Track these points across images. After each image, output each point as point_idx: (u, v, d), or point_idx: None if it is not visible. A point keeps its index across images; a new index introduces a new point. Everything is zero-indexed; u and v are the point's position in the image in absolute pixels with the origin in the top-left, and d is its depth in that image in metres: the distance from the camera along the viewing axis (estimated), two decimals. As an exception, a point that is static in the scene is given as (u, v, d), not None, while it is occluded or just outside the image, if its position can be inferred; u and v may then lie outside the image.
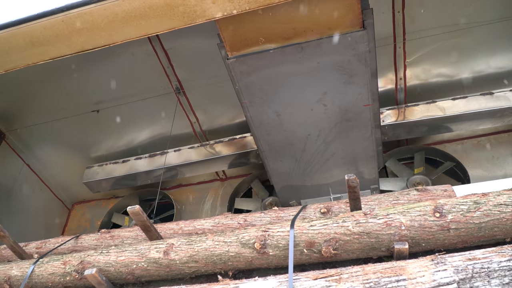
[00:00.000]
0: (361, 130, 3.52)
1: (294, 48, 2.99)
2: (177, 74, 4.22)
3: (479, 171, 4.35)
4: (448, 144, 4.65)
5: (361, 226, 2.05)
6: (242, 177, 5.02)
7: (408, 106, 4.16)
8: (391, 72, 4.14)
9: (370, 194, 4.09)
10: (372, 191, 4.06)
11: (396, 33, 3.85)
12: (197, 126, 4.62)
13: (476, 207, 1.95)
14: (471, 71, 4.09)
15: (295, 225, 2.17)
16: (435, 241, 1.99)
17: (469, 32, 3.78)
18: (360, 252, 2.08)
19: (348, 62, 3.07)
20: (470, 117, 3.95)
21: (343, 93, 3.26)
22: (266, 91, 3.26)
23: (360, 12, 2.84)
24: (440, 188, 2.45)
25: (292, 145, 3.64)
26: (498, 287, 1.69)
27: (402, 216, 2.01)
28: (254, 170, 4.97)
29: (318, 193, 4.09)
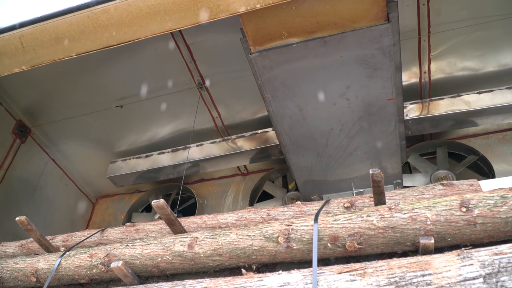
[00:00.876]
0: (385, 124, 3.49)
1: (317, 42, 2.98)
2: (200, 69, 4.25)
3: (505, 166, 4.26)
4: (473, 138, 4.56)
5: (385, 221, 2.04)
6: (264, 172, 5.04)
7: (433, 100, 4.10)
8: (415, 66, 4.08)
9: (394, 189, 4.06)
10: (395, 186, 4.02)
11: (420, 26, 3.80)
12: (219, 121, 4.66)
13: (503, 202, 1.91)
14: (497, 65, 4.00)
15: (319, 220, 2.17)
16: (461, 236, 1.96)
17: (495, 25, 3.70)
18: (384, 247, 2.07)
19: (372, 55, 3.04)
20: (495, 111, 3.87)
21: (366, 87, 3.24)
22: (288, 86, 3.27)
23: (384, 4, 2.81)
24: (466, 183, 2.42)
25: (314, 139, 3.64)
26: (527, 282, 1.67)
27: (428, 211, 1.99)
28: (276, 165, 4.99)
29: (340, 188, 4.07)
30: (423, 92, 4.25)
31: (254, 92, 3.38)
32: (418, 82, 4.18)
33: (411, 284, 1.80)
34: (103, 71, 4.36)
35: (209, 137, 4.68)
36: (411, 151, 4.58)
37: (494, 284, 1.72)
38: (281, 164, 4.84)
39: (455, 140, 4.53)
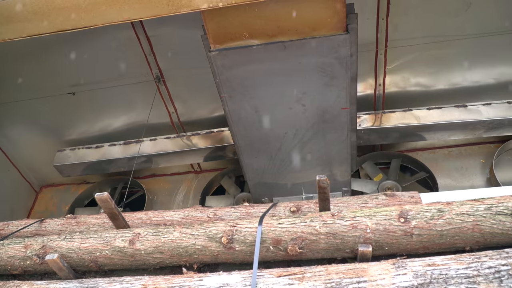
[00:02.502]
0: (337, 132, 3.56)
1: (278, 46, 3.00)
2: (159, 63, 4.17)
3: (448, 180, 4.46)
4: (421, 152, 4.75)
5: (328, 227, 2.07)
6: (217, 171, 5.02)
7: (385, 112, 4.23)
8: (371, 78, 4.19)
9: (342, 196, 4.15)
10: (344, 193, 4.12)
11: (379, 40, 3.90)
12: (175, 117, 4.59)
13: (439, 215, 2.00)
14: (448, 83, 4.18)
15: (264, 222, 2.18)
16: (398, 245, 2.03)
17: (448, 45, 3.86)
18: (325, 252, 2.11)
19: (329, 64, 3.10)
20: (443, 128, 4.05)
21: (322, 95, 3.29)
22: (246, 87, 3.27)
23: (344, 16, 2.87)
24: (408, 195, 2.51)
25: (268, 142, 3.66)
26: (454, 293, 1.74)
27: (368, 219, 2.05)
28: (229, 165, 4.98)
29: (291, 192, 4.12)
30: (377, 103, 4.38)
31: (213, 91, 3.35)
32: (373, 93, 4.30)
33: (347, 290, 1.84)
34: (57, 55, 4.18)
35: (164, 132, 4.60)
36: (363, 159, 4.70)
37: (424, 293, 1.79)
38: (235, 164, 4.84)
39: (404, 152, 4.69)
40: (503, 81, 4.15)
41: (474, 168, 4.54)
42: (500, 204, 2.00)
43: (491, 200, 2.03)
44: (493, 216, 1.97)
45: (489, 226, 1.96)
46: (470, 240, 2.00)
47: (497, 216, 1.97)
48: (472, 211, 1.98)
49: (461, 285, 1.78)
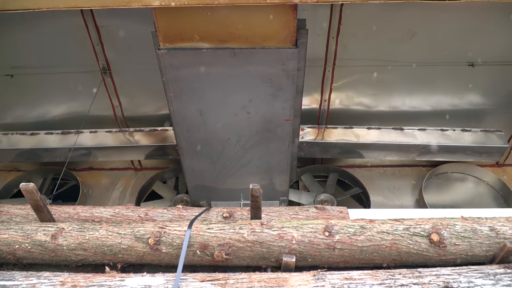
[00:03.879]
0: (279, 142, 3.63)
1: (227, 52, 3.02)
2: (106, 54, 4.06)
3: (380, 198, 4.67)
4: (358, 169, 4.93)
5: (256, 235, 2.11)
6: (158, 170, 4.94)
7: (328, 127, 4.36)
8: (317, 93, 4.31)
9: (279, 205, 4.22)
10: (281, 203, 4.19)
11: (327, 57, 4.02)
12: (118, 111, 4.47)
13: (361, 232, 2.09)
14: (388, 106, 4.38)
15: (194, 226, 2.18)
16: (320, 257, 2.10)
17: (392, 70, 4.05)
18: (250, 260, 2.14)
19: (276, 75, 3.16)
20: (380, 147, 4.23)
21: (267, 104, 3.34)
22: (193, 88, 3.25)
23: (295, 30, 2.94)
24: (337, 209, 2.60)
25: (210, 146, 3.66)
26: (366, 307, 1.83)
27: (295, 231, 2.10)
28: (171, 164, 4.92)
29: (230, 197, 4.14)
30: (321, 118, 4.51)
31: (160, 88, 3.31)
32: (318, 108, 4.42)
33: (266, 299, 1.88)
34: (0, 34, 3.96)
35: (106, 126, 4.47)
36: (303, 171, 4.81)
37: (339, 306, 1.87)
38: (176, 164, 4.79)
39: (342, 167, 4.85)
40: (439, 109, 4.41)
41: (405, 188, 4.78)
42: (418, 225, 2.13)
43: (410, 221, 2.15)
44: (410, 236, 2.09)
45: (406, 245, 2.08)
46: (387, 257, 2.11)
47: (414, 237, 2.09)
48: (391, 230, 2.09)
49: (373, 300, 1.88)
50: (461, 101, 4.34)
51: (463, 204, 4.66)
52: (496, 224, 2.15)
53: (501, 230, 2.12)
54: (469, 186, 4.80)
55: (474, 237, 2.08)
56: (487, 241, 2.09)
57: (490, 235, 2.10)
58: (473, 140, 4.29)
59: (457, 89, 4.26)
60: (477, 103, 4.36)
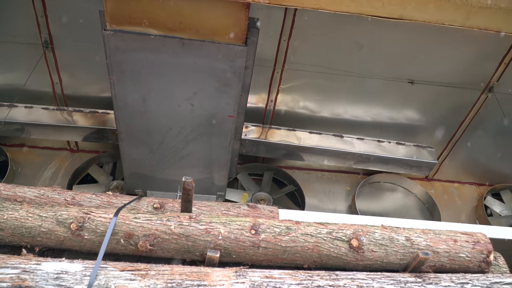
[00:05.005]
0: (221, 138, 3.64)
1: (176, 42, 2.98)
2: (50, 27, 3.86)
3: (315, 201, 4.81)
4: (298, 171, 5.04)
5: (182, 228, 2.11)
6: (95, 153, 4.79)
7: (272, 127, 4.42)
8: (264, 93, 4.36)
9: (216, 200, 4.23)
10: (218, 198, 4.21)
11: (277, 59, 4.08)
12: (58, 88, 4.28)
13: (287, 232, 2.15)
14: (331, 112, 4.52)
15: (120, 214, 2.14)
16: (245, 255, 2.14)
17: (338, 78, 4.17)
18: (175, 253, 2.14)
19: (223, 71, 3.16)
20: (319, 152, 4.36)
21: (212, 99, 3.34)
22: (137, 74, 3.19)
23: (245, 28, 2.95)
24: (268, 209, 2.65)
25: (151, 134, 3.60)
26: (282, 306, 1.89)
27: (223, 227, 2.12)
28: (109, 149, 4.78)
29: (167, 188, 4.09)
30: (266, 118, 4.56)
31: (105, 70, 3.20)
32: (264, 108, 4.47)
33: (186, 292, 1.89)
34: None
35: (43, 102, 4.26)
36: (242, 168, 4.85)
37: (256, 302, 1.91)
38: (115, 149, 4.66)
39: (282, 168, 4.94)
40: (378, 121, 4.61)
41: (339, 193, 4.95)
42: (340, 230, 2.22)
43: (334, 226, 2.24)
44: (332, 240, 2.17)
45: (327, 248, 2.16)
46: (309, 259, 2.18)
47: (336, 241, 2.17)
48: (315, 233, 2.17)
49: (289, 299, 1.94)
50: (398, 116, 4.56)
51: (391, 213, 4.90)
52: (412, 234, 2.28)
53: (416, 241, 2.26)
54: (398, 196, 5.06)
55: (390, 245, 2.20)
56: (402, 250, 2.21)
57: (406, 244, 2.23)
58: (406, 154, 4.52)
59: (396, 103, 4.47)
60: (413, 119, 4.59)
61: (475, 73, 4.22)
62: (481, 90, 4.36)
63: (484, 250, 2.30)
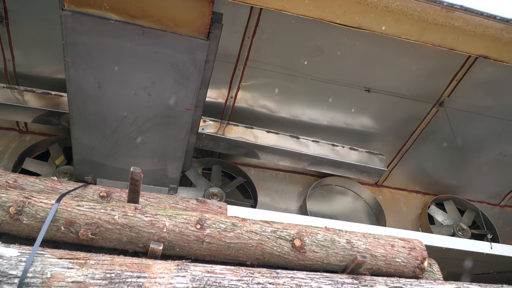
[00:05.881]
0: (177, 130, 3.61)
1: (137, 29, 2.93)
2: (6, 1, 3.69)
3: (267, 199, 4.87)
4: (253, 168, 5.08)
5: (127, 219, 2.08)
6: (45, 136, 4.62)
7: (230, 124, 4.43)
8: (225, 88, 4.36)
9: (168, 192, 4.20)
10: (170, 190, 4.17)
11: (240, 56, 4.09)
12: (10, 65, 4.09)
13: (232, 229, 2.17)
14: (289, 113, 4.58)
15: (63, 201, 2.09)
16: (188, 249, 2.14)
17: (298, 81, 4.25)
18: (117, 243, 2.11)
19: (183, 63, 3.13)
20: (275, 152, 4.41)
21: (170, 90, 3.30)
22: (94, 59, 3.10)
23: (208, 22, 2.94)
24: (217, 204, 2.66)
25: (105, 121, 3.52)
26: (220, 301, 1.91)
27: (168, 220, 2.12)
28: (61, 133, 4.63)
29: (118, 177, 4.01)
30: (225, 114, 4.56)
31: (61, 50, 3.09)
32: (223, 103, 4.47)
33: (124, 283, 1.87)
34: None
35: (-7, 79, 4.08)
36: (197, 163, 4.83)
37: (195, 297, 1.92)
38: (67, 134, 4.51)
39: (238, 165, 4.96)
40: (333, 125, 4.72)
41: (292, 194, 5.04)
42: (285, 230, 2.26)
43: (279, 225, 2.28)
44: (276, 239, 2.21)
45: (270, 247, 2.20)
46: (252, 256, 2.21)
47: (279, 240, 2.22)
48: (260, 231, 2.20)
49: (228, 295, 1.96)
50: (354, 122, 4.69)
51: (340, 216, 5.03)
52: (353, 238, 2.36)
53: (356, 244, 2.34)
54: (348, 200, 5.20)
55: (331, 247, 2.27)
56: (342, 252, 2.29)
57: (346, 247, 2.31)
58: (358, 159, 4.65)
59: (352, 110, 4.59)
60: (367, 126, 4.74)
61: (428, 87, 4.41)
62: (433, 104, 4.55)
63: (419, 257, 2.42)
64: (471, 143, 4.94)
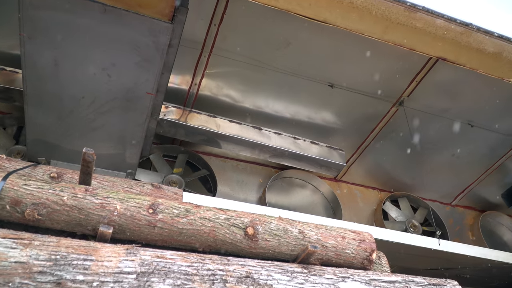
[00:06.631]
0: (137, 114, 3.53)
1: (98, 7, 2.83)
2: (-42, -31, 3.50)
3: (227, 189, 4.87)
4: (214, 157, 5.06)
5: (76, 200, 2.02)
6: None
7: (193, 111, 4.39)
8: (189, 75, 4.30)
9: (125, 177, 4.11)
10: (128, 175, 4.09)
11: (206, 43, 4.04)
12: (-38, 37, 3.89)
13: (185, 214, 2.15)
14: (252, 104, 4.58)
15: (10, 179, 2.01)
16: (140, 233, 2.11)
17: (263, 71, 4.25)
18: (65, 225, 2.05)
19: (146, 46, 3.06)
20: (236, 142, 4.41)
21: (131, 73, 3.23)
22: (51, 35, 2.98)
23: (173, 5, 2.89)
24: (172, 190, 2.63)
25: (61, 101, 3.39)
26: (169, 286, 1.89)
27: (120, 203, 2.07)
28: (15, 111, 4.44)
29: (73, 160, 3.89)
30: (188, 101, 4.51)
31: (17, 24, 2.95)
32: (187, 90, 4.42)
33: (70, 265, 1.82)
34: None
35: None
36: (158, 149, 4.76)
37: (143, 282, 1.89)
38: (21, 112, 4.33)
39: (199, 153, 4.93)
40: (296, 118, 4.76)
41: (252, 184, 5.06)
42: (238, 218, 2.27)
43: (233, 213, 2.28)
44: (229, 226, 2.21)
45: (223, 234, 2.20)
46: (204, 242, 2.20)
47: (232, 227, 2.22)
48: (213, 218, 2.20)
49: (178, 280, 1.94)
50: (316, 116, 4.75)
51: (298, 208, 5.10)
52: (305, 228, 2.40)
53: (308, 234, 2.38)
54: (307, 193, 5.28)
55: (284, 236, 2.30)
56: (294, 242, 2.32)
57: (298, 236, 2.34)
58: (318, 153, 4.73)
59: (315, 104, 4.65)
60: (329, 121, 4.81)
61: (390, 86, 4.52)
62: (393, 103, 4.67)
63: (368, 249, 2.49)
64: (427, 143, 5.11)
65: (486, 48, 3.17)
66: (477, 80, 4.29)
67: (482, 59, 3.29)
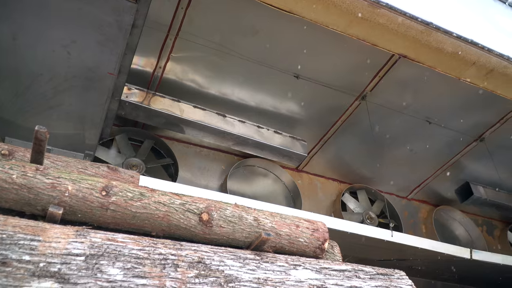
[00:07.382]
0: (97, 94, 3.46)
1: (60, -19, 2.74)
2: None
3: (188, 175, 4.85)
4: (177, 142, 5.03)
5: (26, 179, 1.97)
6: (-51, 86, 4.21)
7: (156, 94, 4.33)
8: (154, 58, 4.23)
9: (83, 158, 4.03)
10: (86, 157, 4.01)
11: (172, 26, 3.98)
12: None
13: (139, 198, 2.13)
14: (218, 91, 4.57)
15: (-45, 154, 1.93)
16: (91, 215, 2.08)
17: (230, 58, 4.23)
18: (14, 203, 1.99)
19: (108, 25, 2.99)
20: (199, 127, 4.39)
21: (92, 52, 3.15)
22: (9, 8, 2.86)
23: (138, -15, 2.83)
24: (129, 173, 2.60)
25: (18, 76, 3.28)
26: (118, 269, 1.88)
27: (72, 184, 2.03)
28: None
29: (28, 138, 3.76)
30: (152, 84, 4.44)
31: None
32: (151, 73, 4.35)
33: (16, 245, 1.77)
34: None
35: None
36: (121, 131, 4.68)
37: (92, 264, 1.86)
38: (-25, 86, 4.15)
39: (162, 138, 4.88)
40: (261, 108, 4.78)
41: (214, 171, 5.06)
42: (194, 203, 2.27)
43: (188, 198, 2.28)
44: (184, 211, 2.21)
45: (177, 219, 2.20)
46: (158, 227, 2.20)
47: (187, 212, 2.22)
48: (168, 203, 2.19)
49: (128, 264, 1.93)
50: (280, 106, 4.79)
51: (259, 197, 5.15)
52: (260, 216, 2.43)
53: (263, 222, 2.41)
54: (268, 182, 5.34)
55: (238, 223, 2.32)
56: (248, 229, 2.35)
57: (253, 224, 2.37)
58: (281, 143, 4.77)
59: (280, 94, 4.68)
60: (293, 111, 4.86)
61: (354, 80, 4.61)
62: (356, 97, 4.76)
63: (321, 238, 2.55)
64: (386, 138, 5.26)
65: (445, 47, 3.28)
66: (436, 78, 4.43)
67: (441, 58, 3.40)
